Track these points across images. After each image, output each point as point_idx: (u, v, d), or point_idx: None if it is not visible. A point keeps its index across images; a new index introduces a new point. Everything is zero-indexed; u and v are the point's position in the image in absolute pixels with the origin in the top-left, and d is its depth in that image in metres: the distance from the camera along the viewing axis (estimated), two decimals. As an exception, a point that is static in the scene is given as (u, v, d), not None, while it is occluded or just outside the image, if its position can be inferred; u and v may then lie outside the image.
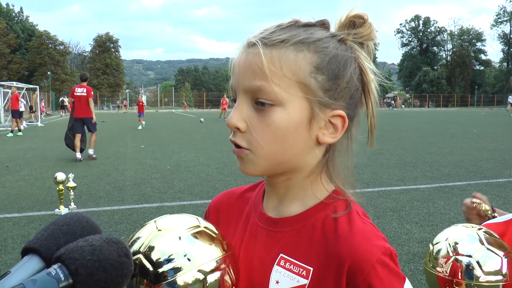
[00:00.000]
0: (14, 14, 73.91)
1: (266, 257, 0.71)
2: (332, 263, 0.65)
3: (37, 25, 78.02)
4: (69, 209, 5.27)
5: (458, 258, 1.06)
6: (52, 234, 0.52)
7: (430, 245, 1.16)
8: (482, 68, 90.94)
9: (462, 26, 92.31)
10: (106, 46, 74.99)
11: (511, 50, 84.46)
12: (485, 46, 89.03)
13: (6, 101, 18.52)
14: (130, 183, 6.94)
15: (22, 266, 0.49)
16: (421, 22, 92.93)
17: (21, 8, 78.12)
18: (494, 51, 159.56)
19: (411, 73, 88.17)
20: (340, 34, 0.69)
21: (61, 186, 5.13)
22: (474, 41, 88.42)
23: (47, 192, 6.33)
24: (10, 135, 16.58)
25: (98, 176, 7.63)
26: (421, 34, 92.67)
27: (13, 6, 74.74)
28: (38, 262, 0.49)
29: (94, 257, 0.47)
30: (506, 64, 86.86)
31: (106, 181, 7.17)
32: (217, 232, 0.68)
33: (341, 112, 0.67)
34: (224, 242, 0.67)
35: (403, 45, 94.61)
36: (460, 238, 1.10)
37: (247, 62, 0.65)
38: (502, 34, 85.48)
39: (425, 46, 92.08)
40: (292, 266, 0.68)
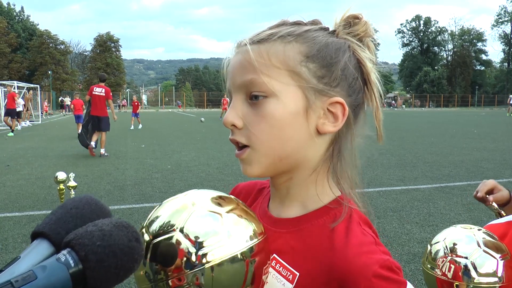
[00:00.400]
0: (15, 14, 73.89)
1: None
2: (322, 273, 0.63)
3: (38, 24, 78.09)
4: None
5: (454, 259, 1.07)
6: (61, 218, 0.51)
7: (429, 245, 1.17)
8: (483, 68, 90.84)
9: (463, 26, 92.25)
10: (107, 45, 74.97)
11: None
12: (485, 46, 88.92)
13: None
14: (131, 183, 6.95)
15: (32, 251, 0.48)
16: (421, 22, 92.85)
17: (22, 7, 78.26)
18: (494, 51, 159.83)
19: (412, 73, 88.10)
20: (333, 27, 0.68)
21: (61, 186, 5.13)
22: (474, 41, 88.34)
23: (48, 191, 6.34)
24: (10, 134, 16.61)
25: (98, 175, 7.64)
26: (421, 34, 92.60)
27: (14, 6, 74.75)
28: (47, 247, 0.49)
29: (104, 242, 0.46)
30: (506, 64, 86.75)
31: (106, 180, 7.18)
32: (253, 212, 0.68)
33: (338, 99, 0.65)
34: (260, 225, 0.66)
35: (404, 45, 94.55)
36: (457, 239, 1.11)
37: (237, 60, 0.66)
38: (503, 34, 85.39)
39: (425, 46, 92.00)
40: (281, 268, 0.67)
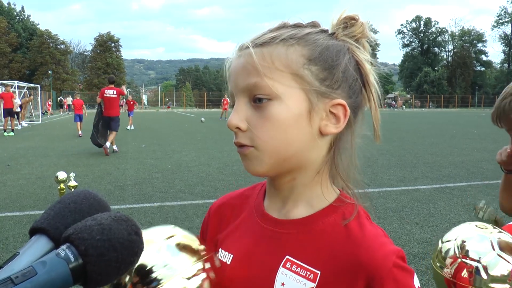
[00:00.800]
0: (15, 13, 73.91)
1: (270, 258, 0.70)
2: (343, 268, 0.64)
3: (38, 24, 78.10)
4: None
5: (465, 261, 1.00)
6: (59, 213, 0.51)
7: (440, 241, 1.08)
8: (483, 69, 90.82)
9: (463, 27, 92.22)
10: (107, 45, 74.93)
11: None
12: (486, 47, 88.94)
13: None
14: (131, 183, 6.95)
15: (31, 247, 0.48)
16: (422, 23, 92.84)
17: (22, 7, 78.38)
18: (495, 52, 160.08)
19: (412, 73, 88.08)
20: (331, 29, 0.70)
21: (62, 185, 5.15)
22: (475, 42, 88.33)
23: (48, 191, 6.34)
24: (11, 134, 16.63)
25: (99, 175, 7.64)
26: (422, 35, 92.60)
27: (14, 5, 74.76)
28: (46, 243, 0.48)
29: (104, 236, 0.46)
30: (507, 65, 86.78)
31: (107, 180, 7.18)
32: (194, 237, 0.71)
33: (340, 100, 0.66)
34: (201, 247, 0.69)
35: (404, 45, 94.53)
36: (470, 239, 1.03)
37: (240, 63, 0.67)
38: (503, 35, 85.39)
39: (426, 46, 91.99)
40: (298, 269, 0.67)
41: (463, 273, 1.00)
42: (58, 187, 5.18)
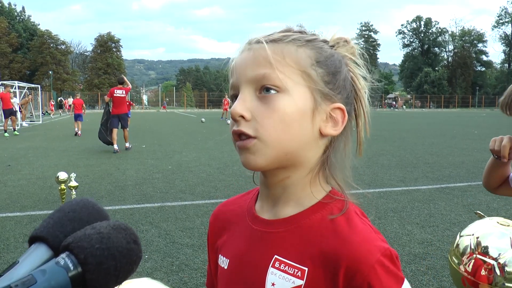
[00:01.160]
0: (16, 14, 74.04)
1: (261, 259, 0.70)
2: (329, 263, 0.65)
3: (38, 24, 78.21)
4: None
5: (481, 258, 0.95)
6: (58, 222, 0.51)
7: (458, 236, 1.04)
8: (483, 69, 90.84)
9: (463, 27, 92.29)
10: (107, 45, 75.01)
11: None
12: (486, 47, 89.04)
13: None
14: (132, 183, 6.95)
15: (30, 255, 0.48)
16: (422, 23, 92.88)
17: (23, 7, 78.48)
18: (495, 52, 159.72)
19: (412, 74, 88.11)
20: (330, 43, 0.73)
21: (63, 186, 5.14)
22: (475, 42, 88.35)
23: (49, 191, 6.35)
24: (16, 133, 16.76)
25: (99, 175, 7.65)
26: (422, 35, 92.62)
27: (15, 6, 74.93)
28: (46, 251, 0.49)
29: (103, 245, 0.46)
30: (507, 65, 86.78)
31: (107, 180, 7.18)
32: None
33: (340, 105, 0.69)
34: None
35: (405, 46, 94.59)
36: (489, 236, 0.97)
37: (251, 55, 0.68)
38: (503, 35, 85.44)
39: (426, 47, 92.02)
40: (287, 267, 0.67)
41: (479, 270, 0.96)
42: (59, 188, 5.18)
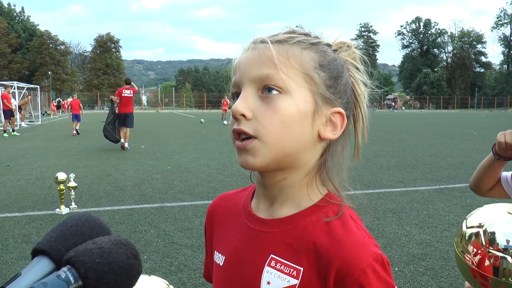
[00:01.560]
0: (15, 14, 73.94)
1: (257, 258, 0.71)
2: (322, 264, 0.65)
3: (38, 25, 78.05)
4: (69, 209, 5.28)
5: (491, 251, 0.91)
6: (61, 236, 0.52)
7: (464, 225, 0.99)
8: (483, 70, 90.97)
9: (462, 28, 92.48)
10: (107, 46, 74.94)
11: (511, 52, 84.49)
12: (485, 48, 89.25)
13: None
14: (131, 183, 6.95)
15: (32, 268, 0.49)
16: (421, 24, 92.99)
17: (22, 8, 78.52)
18: (494, 53, 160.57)
19: (412, 75, 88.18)
20: (333, 47, 0.73)
21: (62, 186, 5.14)
22: (474, 43, 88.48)
23: (48, 191, 6.34)
24: (16, 134, 16.80)
25: (98, 176, 7.64)
26: (421, 36, 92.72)
27: (14, 6, 74.89)
28: (48, 264, 0.50)
29: (103, 259, 0.48)
30: (506, 66, 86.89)
31: (106, 181, 7.18)
32: None
33: (340, 109, 0.70)
34: None
35: (404, 47, 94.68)
36: (499, 227, 0.93)
37: (255, 55, 0.68)
38: (502, 37, 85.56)
39: (425, 48, 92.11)
40: (282, 266, 0.68)
41: (487, 263, 0.91)
42: (58, 188, 5.18)
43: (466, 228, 0.98)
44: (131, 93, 12.05)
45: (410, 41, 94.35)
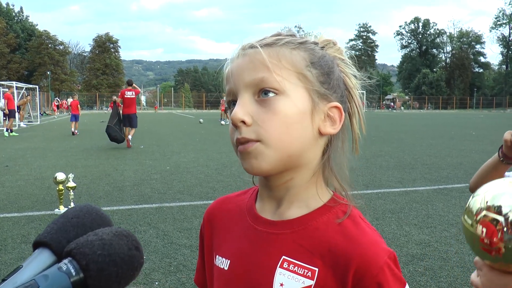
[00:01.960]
0: (14, 14, 73.89)
1: (267, 259, 0.70)
2: (339, 264, 0.66)
3: (37, 25, 78.04)
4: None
5: (489, 214, 0.88)
6: (62, 227, 0.52)
7: (471, 197, 1.01)
8: (481, 70, 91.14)
9: (461, 29, 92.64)
10: (105, 46, 74.90)
11: (510, 52, 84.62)
12: (484, 48, 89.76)
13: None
14: (130, 184, 6.95)
15: (34, 260, 0.49)
16: (420, 24, 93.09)
17: (21, 7, 78.24)
18: (493, 54, 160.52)
19: (411, 75, 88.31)
20: (320, 44, 0.74)
21: (61, 186, 5.14)
22: (473, 43, 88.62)
23: (47, 192, 6.34)
24: (14, 134, 16.84)
25: (97, 176, 7.64)
26: (420, 36, 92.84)
27: (13, 6, 74.79)
28: (49, 256, 0.49)
29: (105, 251, 0.47)
30: (505, 66, 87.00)
31: (105, 181, 7.17)
32: None
33: (337, 103, 0.70)
34: None
35: (403, 47, 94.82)
36: (501, 193, 0.91)
37: (246, 60, 0.68)
38: (501, 37, 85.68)
39: (424, 48, 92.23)
40: (296, 267, 0.68)
41: (488, 226, 0.89)
42: (57, 188, 5.17)
43: (472, 198, 0.97)
44: (134, 94, 12.39)
45: (409, 41, 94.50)
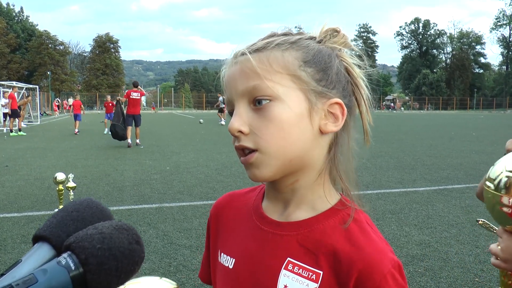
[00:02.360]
0: (14, 14, 73.89)
1: (272, 261, 0.70)
2: (342, 268, 0.65)
3: (37, 25, 78.01)
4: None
5: (510, 175, 0.91)
6: (61, 221, 0.51)
7: (491, 167, 1.02)
8: (481, 71, 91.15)
9: (461, 29, 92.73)
10: (106, 46, 74.86)
11: (510, 53, 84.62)
12: (484, 49, 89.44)
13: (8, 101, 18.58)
14: (130, 184, 6.94)
15: (33, 254, 0.48)
16: (420, 25, 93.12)
17: (21, 8, 78.31)
18: (493, 54, 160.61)
19: (411, 75, 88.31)
20: (318, 38, 0.72)
21: (60, 186, 5.13)
22: (473, 44, 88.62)
23: (47, 192, 6.33)
24: (22, 134, 16.94)
25: (97, 176, 7.63)
26: (420, 37, 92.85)
27: (13, 6, 74.81)
28: (48, 250, 0.49)
29: (104, 245, 0.46)
30: (505, 67, 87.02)
31: (105, 181, 7.17)
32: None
33: (337, 99, 0.68)
34: None
35: (403, 47, 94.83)
36: None
37: (237, 69, 0.68)
38: (501, 38, 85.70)
39: (424, 48, 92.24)
40: (301, 270, 0.67)
41: (509, 187, 0.92)
42: (57, 188, 5.16)
43: (492, 167, 0.97)
44: (139, 95, 12.84)
45: (409, 42, 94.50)
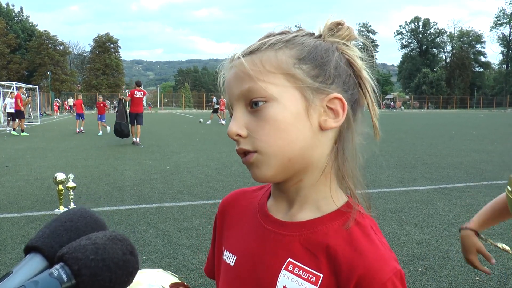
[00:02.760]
0: (14, 14, 73.86)
1: (273, 260, 0.69)
2: (342, 273, 0.64)
3: (37, 25, 77.99)
4: (68, 209, 5.27)
5: None
6: (54, 231, 0.50)
7: None
8: (482, 70, 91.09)
9: (461, 28, 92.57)
10: (106, 46, 74.85)
11: (511, 52, 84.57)
12: (484, 48, 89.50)
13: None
14: (130, 184, 6.94)
15: (24, 265, 0.47)
16: (420, 24, 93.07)
17: (21, 8, 78.22)
18: (493, 53, 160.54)
19: (411, 74, 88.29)
20: (320, 33, 0.70)
21: (60, 186, 5.13)
22: (473, 43, 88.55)
23: (47, 192, 6.33)
24: (24, 134, 17.01)
25: (97, 176, 7.63)
26: (420, 36, 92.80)
27: (13, 6, 74.76)
28: (40, 261, 0.48)
29: (98, 256, 0.45)
30: (505, 66, 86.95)
31: (105, 181, 7.17)
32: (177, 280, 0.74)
33: (336, 94, 0.66)
34: None
35: (403, 46, 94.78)
36: None
37: (232, 74, 0.68)
38: (501, 36, 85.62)
39: (424, 47, 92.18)
40: (301, 271, 0.66)
41: None
42: (57, 188, 5.17)
43: None
44: (142, 94, 13.36)
45: (409, 41, 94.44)
